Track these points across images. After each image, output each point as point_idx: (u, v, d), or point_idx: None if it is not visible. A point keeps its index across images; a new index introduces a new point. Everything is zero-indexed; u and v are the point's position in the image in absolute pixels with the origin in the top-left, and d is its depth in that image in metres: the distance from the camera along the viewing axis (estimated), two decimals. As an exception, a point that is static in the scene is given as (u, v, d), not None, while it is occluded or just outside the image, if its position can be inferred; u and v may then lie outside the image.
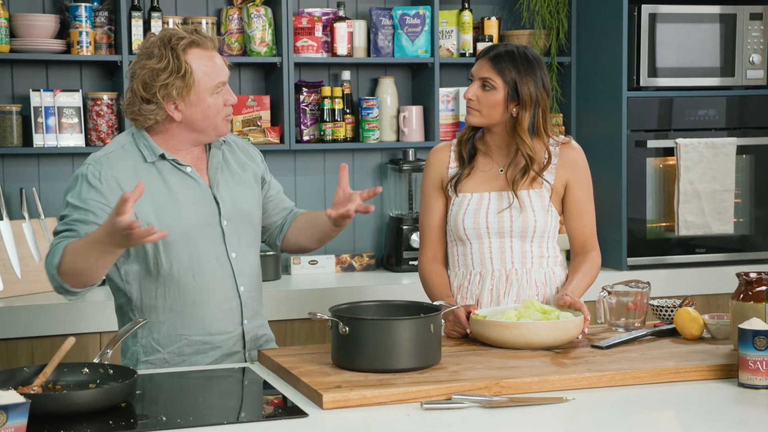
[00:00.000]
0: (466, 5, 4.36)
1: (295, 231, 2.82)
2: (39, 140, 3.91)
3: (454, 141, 2.95)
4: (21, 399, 1.84)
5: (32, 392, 2.08)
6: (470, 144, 2.90)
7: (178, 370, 2.54)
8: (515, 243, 2.84)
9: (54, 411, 2.03)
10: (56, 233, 2.53)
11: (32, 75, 4.03)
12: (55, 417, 2.02)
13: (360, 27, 4.31)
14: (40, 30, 3.90)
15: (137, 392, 2.22)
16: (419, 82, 4.43)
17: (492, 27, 4.41)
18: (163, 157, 2.60)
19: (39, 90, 3.92)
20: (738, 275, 2.50)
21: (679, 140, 4.21)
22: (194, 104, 2.57)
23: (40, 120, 3.91)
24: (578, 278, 2.83)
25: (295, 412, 2.10)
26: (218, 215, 2.63)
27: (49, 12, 4.02)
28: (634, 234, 4.26)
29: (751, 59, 4.32)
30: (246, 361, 2.63)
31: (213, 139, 2.66)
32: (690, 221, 4.24)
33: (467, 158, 2.88)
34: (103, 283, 3.95)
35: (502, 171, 2.88)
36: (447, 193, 2.90)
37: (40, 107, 3.91)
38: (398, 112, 4.37)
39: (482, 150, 2.90)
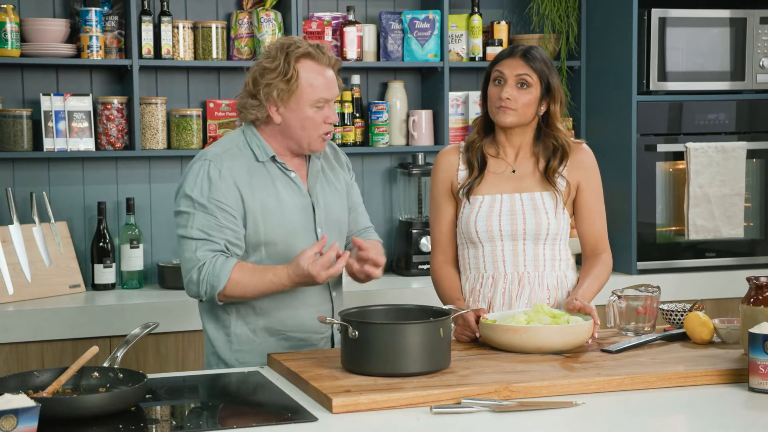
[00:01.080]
0: (476, 9, 4.36)
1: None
2: (49, 144, 3.91)
3: (462, 143, 2.95)
4: (31, 403, 1.84)
5: (43, 396, 2.09)
6: (480, 152, 2.89)
7: (187, 374, 2.54)
8: (528, 246, 2.84)
9: (64, 415, 2.03)
10: (188, 237, 2.59)
11: (42, 79, 4.04)
12: (65, 421, 2.02)
13: (370, 31, 4.31)
14: (51, 34, 3.91)
15: (147, 396, 2.22)
16: (429, 86, 4.43)
17: (502, 31, 4.40)
18: (273, 159, 2.69)
19: (49, 94, 3.93)
20: (748, 279, 2.50)
21: (689, 144, 4.20)
22: (294, 111, 2.65)
23: (50, 124, 3.91)
24: (588, 282, 2.83)
25: (305, 416, 2.10)
26: (314, 222, 2.71)
27: (60, 16, 4.03)
28: (644, 238, 4.25)
29: (761, 63, 4.31)
30: None
31: (306, 152, 2.73)
32: (700, 225, 4.23)
33: (479, 167, 2.88)
34: (112, 287, 3.96)
35: (514, 172, 2.88)
36: (458, 197, 2.90)
37: (51, 111, 3.92)
38: (408, 116, 4.37)
39: (492, 153, 2.90)
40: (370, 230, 2.93)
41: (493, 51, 4.32)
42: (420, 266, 4.21)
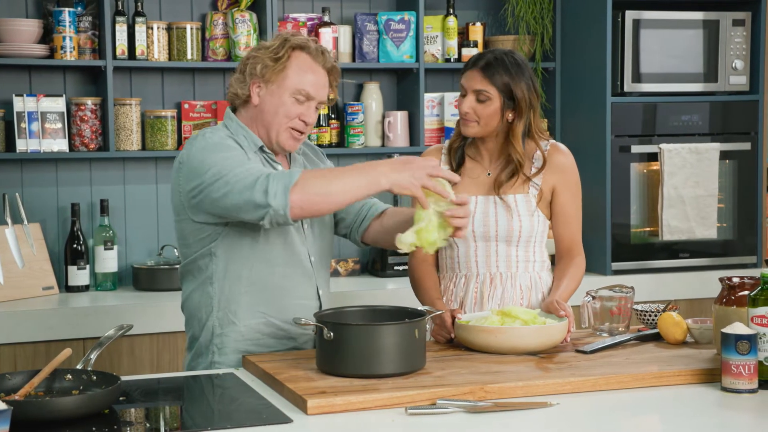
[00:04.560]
0: (451, 11, 4.37)
1: (382, 231, 2.76)
2: (22, 145, 3.89)
3: (446, 144, 2.96)
4: (3, 406, 1.83)
5: (15, 399, 2.07)
6: (460, 152, 2.90)
7: (162, 376, 2.53)
8: (500, 246, 2.85)
9: (37, 417, 2.01)
10: (232, 170, 2.42)
11: (15, 80, 4.02)
12: (37, 424, 2.01)
13: (345, 32, 4.31)
14: (24, 35, 3.89)
15: (121, 398, 2.21)
16: (404, 87, 4.44)
17: (477, 32, 4.42)
18: (261, 150, 2.61)
19: (22, 95, 3.91)
20: (721, 280, 2.51)
21: (663, 146, 4.23)
22: (273, 94, 2.58)
23: (23, 125, 3.89)
24: (565, 284, 2.84)
25: (280, 417, 2.10)
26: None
27: (33, 17, 4.01)
28: (619, 239, 4.27)
29: (733, 65, 4.34)
30: None
31: (273, 145, 2.63)
32: (674, 226, 4.25)
33: (455, 166, 2.89)
34: (86, 289, 3.94)
35: (489, 175, 2.89)
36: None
37: (24, 112, 3.89)
38: (383, 117, 4.38)
39: (471, 156, 2.91)
40: (376, 204, 2.82)
41: (468, 52, 4.33)
42: (395, 267, 4.21)
